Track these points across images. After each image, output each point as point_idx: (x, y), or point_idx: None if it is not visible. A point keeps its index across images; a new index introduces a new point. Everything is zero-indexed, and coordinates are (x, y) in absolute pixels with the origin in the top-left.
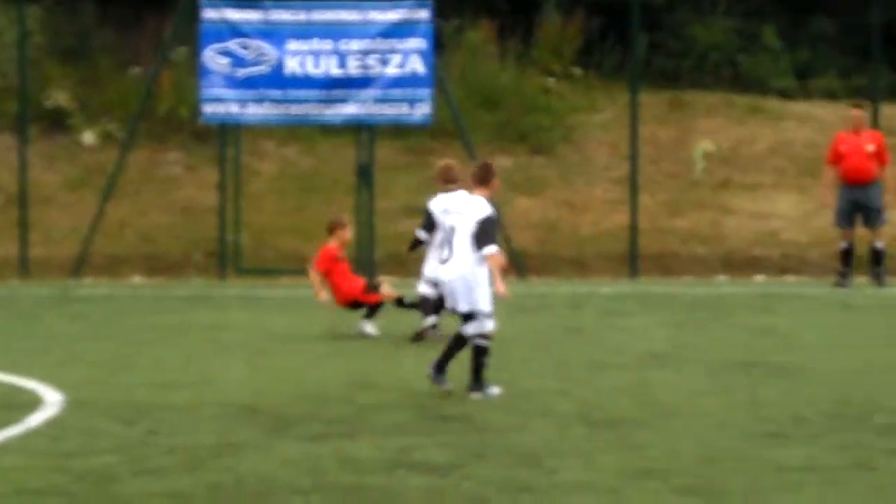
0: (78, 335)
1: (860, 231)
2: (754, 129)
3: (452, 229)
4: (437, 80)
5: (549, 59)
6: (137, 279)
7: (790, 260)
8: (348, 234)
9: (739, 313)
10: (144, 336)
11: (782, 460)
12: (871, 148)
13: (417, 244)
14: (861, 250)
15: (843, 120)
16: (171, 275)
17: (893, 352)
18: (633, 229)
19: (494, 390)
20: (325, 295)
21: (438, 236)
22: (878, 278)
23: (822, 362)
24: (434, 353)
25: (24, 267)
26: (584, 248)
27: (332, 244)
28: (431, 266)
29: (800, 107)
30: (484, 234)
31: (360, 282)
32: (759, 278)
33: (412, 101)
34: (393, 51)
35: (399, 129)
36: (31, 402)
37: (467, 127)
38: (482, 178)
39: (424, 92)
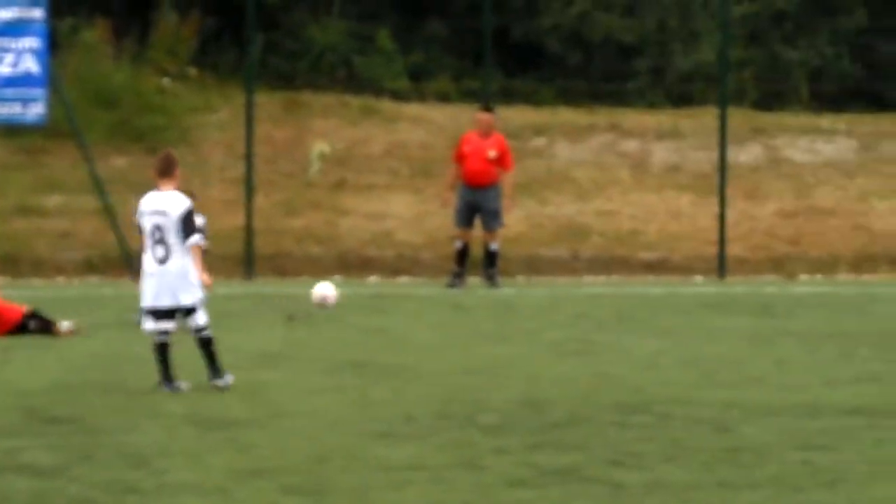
0: None
1: (478, 232)
2: (369, 131)
3: (159, 228)
4: (52, 79)
5: (164, 59)
6: None
7: (404, 261)
8: None
9: (353, 314)
10: None
11: (390, 459)
12: (493, 153)
13: None
14: (478, 251)
15: (453, 121)
16: None
17: (501, 351)
18: (249, 230)
19: (230, 377)
20: None
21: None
22: (490, 279)
23: (431, 362)
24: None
25: None
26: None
27: None
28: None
29: (414, 108)
30: (187, 226)
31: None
32: (373, 279)
33: (25, 101)
34: (6, 50)
35: (12, 129)
36: None
37: (82, 127)
38: (165, 170)
39: (38, 92)
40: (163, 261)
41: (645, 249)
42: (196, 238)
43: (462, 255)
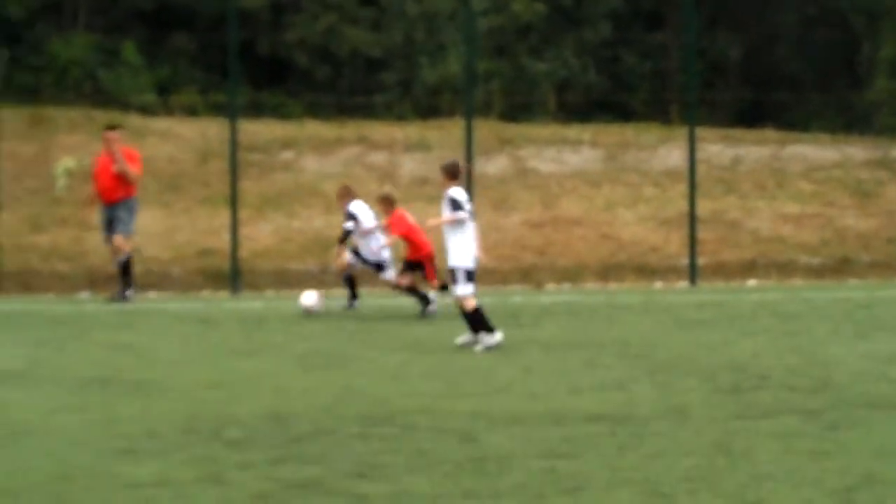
0: None
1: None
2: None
3: None
4: None
5: None
6: None
7: (152, 276)
8: None
9: (99, 330)
10: None
11: (135, 476)
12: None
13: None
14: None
15: (201, 135)
16: None
17: (248, 365)
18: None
19: None
20: None
21: None
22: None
23: (178, 377)
24: None
25: None
26: None
27: None
28: None
29: (161, 123)
30: None
31: None
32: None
33: None
34: None
35: None
36: None
37: None
38: None
39: None
40: None
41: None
42: None
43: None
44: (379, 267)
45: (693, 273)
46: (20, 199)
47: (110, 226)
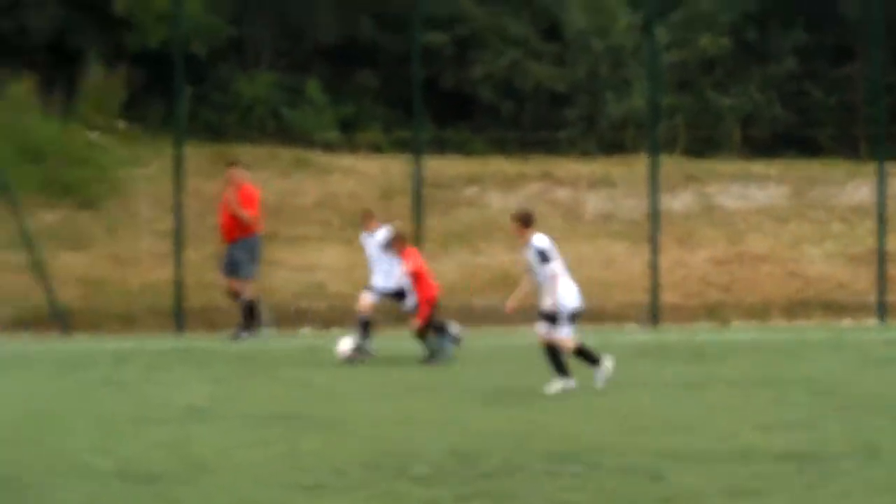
0: None
1: None
2: (300, 182)
3: None
4: None
5: (92, 113)
6: None
7: (336, 312)
8: None
9: (283, 366)
10: None
11: None
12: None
13: None
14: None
15: (384, 172)
16: None
17: (428, 401)
18: (179, 283)
19: None
20: None
21: None
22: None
23: (360, 413)
24: None
25: None
26: (132, 303)
27: None
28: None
29: (345, 160)
30: None
31: None
32: (306, 330)
33: None
34: None
35: None
36: None
37: (10, 182)
38: None
39: None
40: None
41: None
42: None
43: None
44: (400, 295)
45: (882, 311)
46: (204, 237)
47: (230, 266)
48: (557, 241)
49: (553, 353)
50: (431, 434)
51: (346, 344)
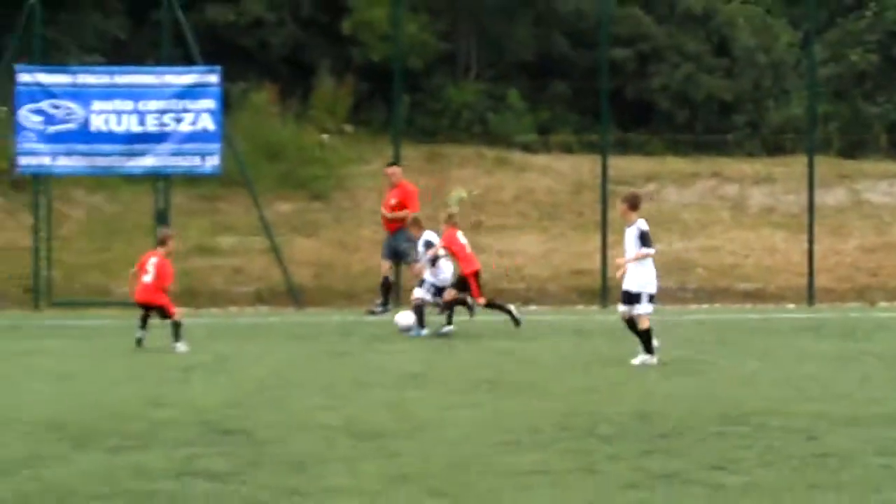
0: None
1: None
2: (501, 179)
3: None
4: (226, 136)
5: (323, 118)
6: None
7: (532, 292)
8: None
9: (488, 338)
10: None
11: (518, 465)
12: (393, 201)
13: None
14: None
15: (575, 170)
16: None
17: (615, 371)
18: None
19: None
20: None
21: None
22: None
23: (554, 380)
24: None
25: None
26: (354, 283)
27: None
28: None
29: (541, 159)
30: None
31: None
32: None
33: (203, 155)
34: (186, 110)
35: (192, 179)
36: None
37: (252, 177)
38: None
39: (214, 146)
40: None
41: (743, 281)
42: None
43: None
44: (440, 291)
45: None
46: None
47: (394, 253)
48: (725, 231)
49: (633, 326)
50: (616, 399)
51: (405, 318)
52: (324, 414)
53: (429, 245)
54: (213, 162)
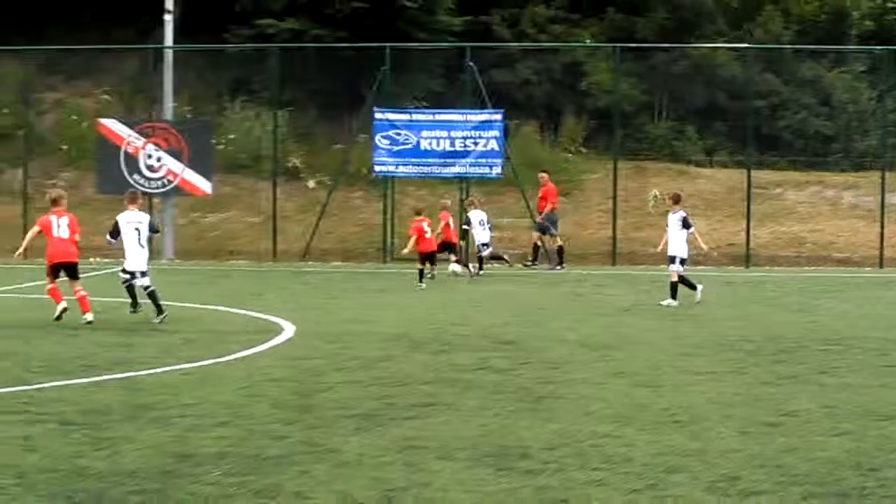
0: (303, 293)
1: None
2: (681, 184)
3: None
4: (505, 154)
5: (568, 143)
6: (337, 262)
7: (699, 257)
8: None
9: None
10: (341, 293)
11: (692, 367)
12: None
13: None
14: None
15: (729, 178)
16: (356, 260)
17: (752, 307)
18: (614, 238)
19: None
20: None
21: None
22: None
23: (713, 314)
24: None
25: (274, 254)
26: (588, 247)
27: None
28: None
29: (706, 171)
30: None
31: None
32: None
33: (491, 166)
34: (480, 137)
35: (482, 181)
36: (277, 330)
37: (521, 180)
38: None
39: (497, 160)
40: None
41: (837, 252)
42: None
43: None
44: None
45: None
46: (628, 212)
47: (541, 227)
48: (826, 219)
49: (682, 281)
50: (754, 326)
51: (455, 266)
52: (568, 332)
53: (468, 222)
54: (497, 170)
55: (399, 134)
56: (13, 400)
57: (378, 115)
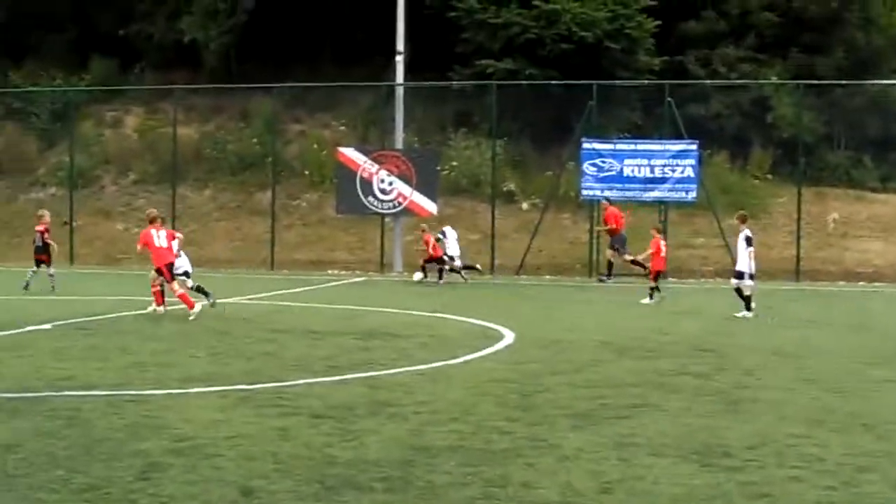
0: (520, 304)
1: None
2: (859, 208)
3: None
4: (700, 180)
5: (755, 170)
6: (547, 276)
7: (875, 273)
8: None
9: (846, 298)
10: (552, 304)
11: (872, 376)
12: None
13: None
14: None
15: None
16: (565, 274)
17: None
18: (797, 258)
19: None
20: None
21: None
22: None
23: (881, 321)
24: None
25: (492, 268)
26: (777, 264)
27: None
28: None
29: (881, 196)
30: None
31: None
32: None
33: (686, 191)
34: (677, 165)
35: (679, 205)
36: (498, 336)
37: (714, 203)
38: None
39: (693, 186)
40: None
41: None
42: None
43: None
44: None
45: None
46: (811, 234)
47: (614, 246)
48: None
49: (741, 294)
50: None
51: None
52: (760, 341)
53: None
54: (692, 195)
55: (604, 162)
56: (270, 395)
57: (585, 145)
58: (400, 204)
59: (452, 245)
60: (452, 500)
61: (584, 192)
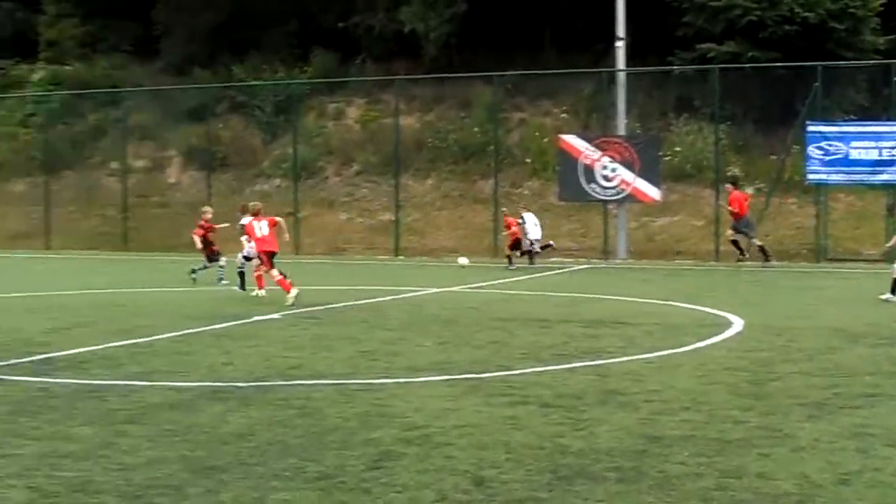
0: (746, 290)
1: None
2: None
3: None
4: None
5: None
6: (773, 262)
7: None
8: None
9: None
10: (780, 290)
11: None
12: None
13: None
14: None
15: None
16: (792, 259)
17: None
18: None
19: None
20: None
21: None
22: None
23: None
24: None
25: (717, 255)
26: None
27: None
28: None
29: None
30: None
31: None
32: None
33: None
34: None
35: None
36: (726, 324)
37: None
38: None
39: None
40: None
41: None
42: None
43: None
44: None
45: None
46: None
47: (741, 229)
48: None
49: None
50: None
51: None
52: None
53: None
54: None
55: (831, 145)
56: (500, 383)
57: (811, 128)
58: (623, 190)
59: (532, 230)
60: (687, 491)
61: (811, 177)
